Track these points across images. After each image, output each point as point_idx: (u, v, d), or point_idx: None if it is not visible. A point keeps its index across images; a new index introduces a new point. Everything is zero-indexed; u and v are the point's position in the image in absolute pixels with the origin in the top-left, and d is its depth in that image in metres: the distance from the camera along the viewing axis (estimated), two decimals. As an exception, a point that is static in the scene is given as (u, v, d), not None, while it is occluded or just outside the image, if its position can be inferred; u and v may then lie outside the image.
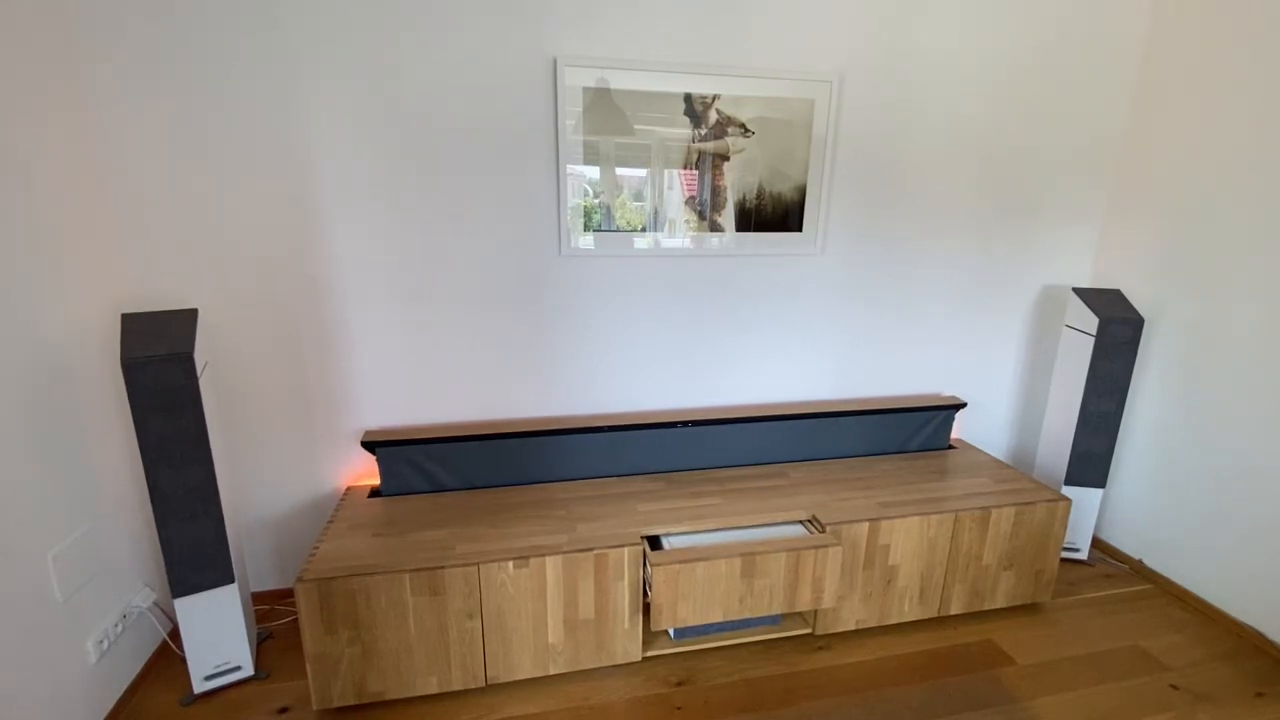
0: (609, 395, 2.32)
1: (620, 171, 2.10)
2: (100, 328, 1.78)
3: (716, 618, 1.82)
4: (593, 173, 2.08)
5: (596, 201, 2.11)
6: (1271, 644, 2.07)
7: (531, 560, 1.75)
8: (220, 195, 1.87)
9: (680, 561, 1.76)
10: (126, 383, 1.53)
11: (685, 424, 2.26)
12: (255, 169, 1.87)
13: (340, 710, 1.78)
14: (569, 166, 2.05)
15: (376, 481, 2.17)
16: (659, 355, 2.32)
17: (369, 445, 2.04)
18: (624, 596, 1.85)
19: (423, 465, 2.09)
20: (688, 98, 2.09)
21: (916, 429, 2.48)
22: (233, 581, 1.79)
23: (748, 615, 1.84)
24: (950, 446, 2.57)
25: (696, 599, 1.79)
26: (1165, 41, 2.34)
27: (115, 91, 1.74)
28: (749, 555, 1.80)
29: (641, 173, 2.11)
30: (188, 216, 1.86)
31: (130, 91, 1.75)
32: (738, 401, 2.44)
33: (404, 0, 1.84)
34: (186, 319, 1.68)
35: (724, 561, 1.78)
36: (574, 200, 2.09)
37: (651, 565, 1.76)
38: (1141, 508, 2.51)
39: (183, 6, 1.72)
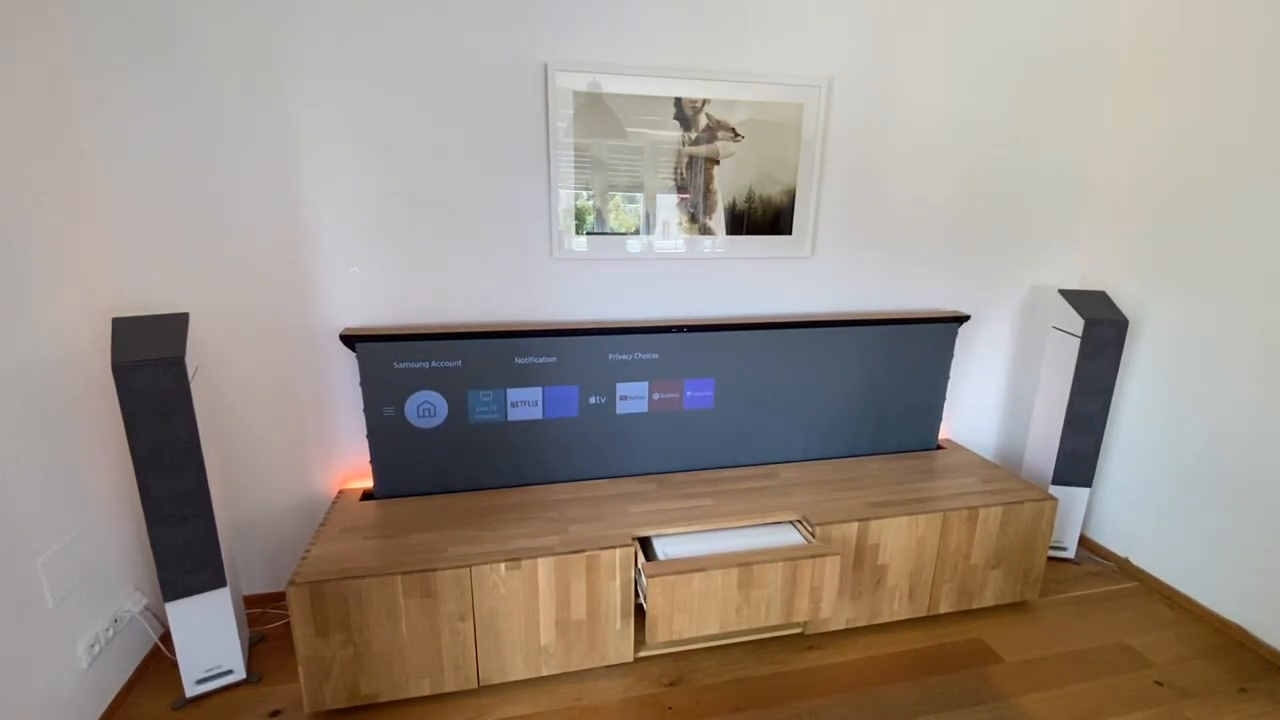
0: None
1: (613, 174, 2.11)
2: (91, 332, 1.78)
3: (713, 629, 1.78)
4: (585, 175, 2.09)
5: (590, 203, 2.12)
6: (1255, 640, 2.10)
7: (523, 562, 1.76)
8: (211, 200, 1.87)
9: (676, 573, 1.71)
10: (118, 387, 1.53)
11: (680, 329, 2.20)
12: (246, 173, 1.87)
13: (333, 713, 1.79)
14: (559, 169, 2.06)
15: (369, 484, 2.17)
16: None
17: (348, 340, 1.98)
18: (616, 598, 1.86)
19: (405, 373, 2.03)
20: (678, 102, 2.10)
21: (920, 339, 2.45)
22: (224, 585, 1.79)
23: (744, 626, 1.81)
24: (939, 446, 2.59)
25: (692, 611, 1.75)
26: (1146, 44, 2.38)
27: (106, 96, 1.74)
28: (746, 565, 1.75)
29: (634, 175, 2.13)
30: (178, 221, 1.86)
31: (121, 95, 1.75)
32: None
33: (396, 5, 1.85)
34: (178, 323, 1.69)
35: (720, 572, 1.74)
36: (566, 202, 2.10)
37: (647, 577, 1.72)
38: (1127, 506, 2.54)
39: (175, 9, 1.73)
